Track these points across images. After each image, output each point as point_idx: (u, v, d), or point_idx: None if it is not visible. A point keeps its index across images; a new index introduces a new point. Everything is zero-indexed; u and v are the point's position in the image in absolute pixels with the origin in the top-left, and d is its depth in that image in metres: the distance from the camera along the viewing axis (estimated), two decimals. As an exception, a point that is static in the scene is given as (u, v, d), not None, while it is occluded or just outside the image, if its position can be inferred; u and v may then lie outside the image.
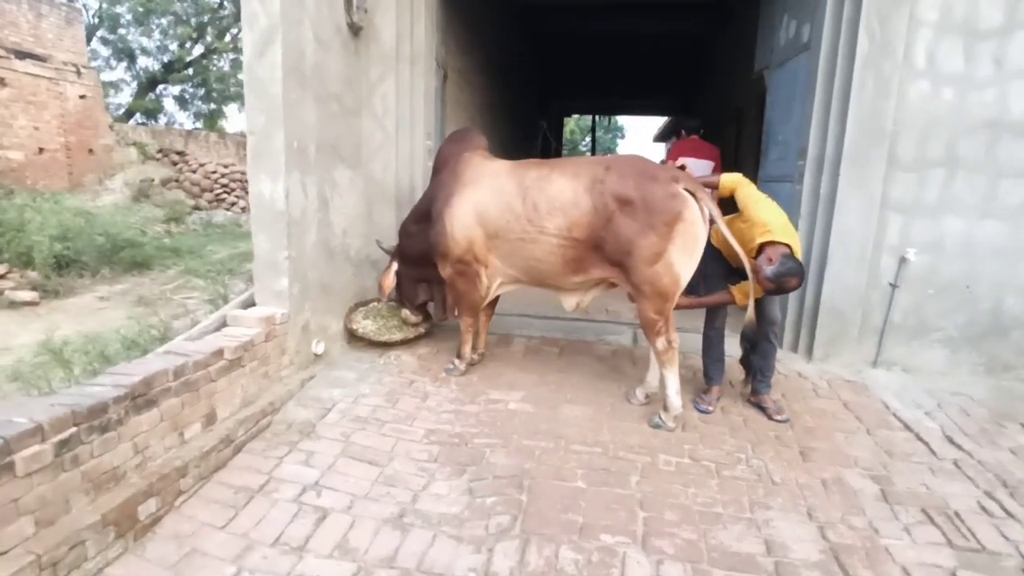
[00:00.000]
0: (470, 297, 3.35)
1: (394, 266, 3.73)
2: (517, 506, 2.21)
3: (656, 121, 19.31)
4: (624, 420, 2.96)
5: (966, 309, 3.57)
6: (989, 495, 2.38)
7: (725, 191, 2.97)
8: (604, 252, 2.87)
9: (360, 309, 4.00)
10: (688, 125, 5.41)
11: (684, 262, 2.75)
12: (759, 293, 2.77)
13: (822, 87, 3.54)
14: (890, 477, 2.52)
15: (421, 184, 4.16)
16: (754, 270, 2.70)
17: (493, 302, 3.59)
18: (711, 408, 3.08)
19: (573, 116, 24.91)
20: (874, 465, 2.61)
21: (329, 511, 2.20)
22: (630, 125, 38.88)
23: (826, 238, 3.59)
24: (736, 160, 7.16)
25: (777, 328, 3.12)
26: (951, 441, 2.83)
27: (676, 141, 5.75)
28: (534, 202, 2.98)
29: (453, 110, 5.50)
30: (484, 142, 3.52)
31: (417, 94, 4.12)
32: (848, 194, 3.50)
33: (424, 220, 3.45)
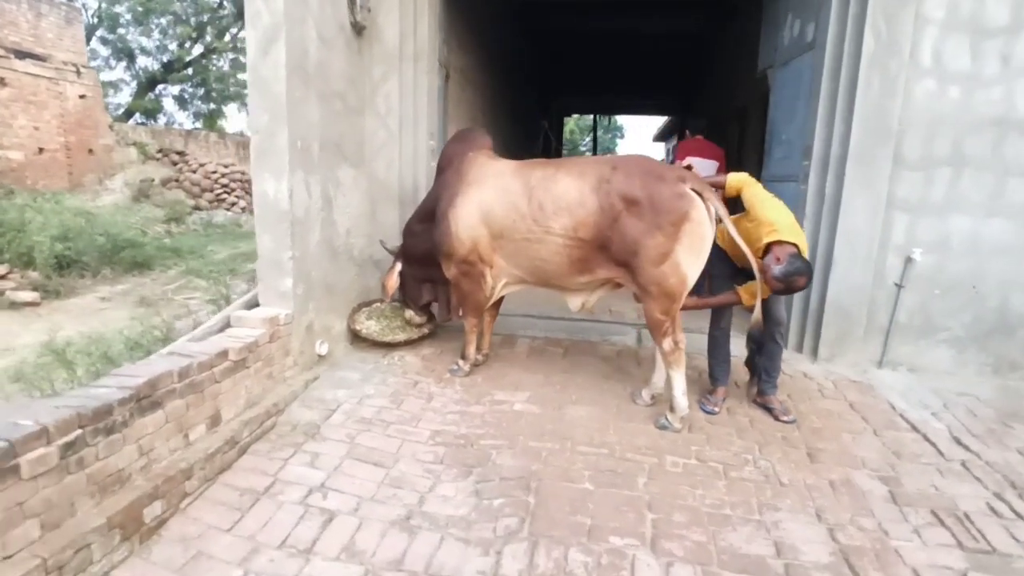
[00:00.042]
0: (475, 297, 3.34)
1: (398, 266, 3.72)
2: (525, 508, 2.20)
3: (656, 121, 19.34)
4: (630, 421, 2.94)
5: (972, 308, 3.55)
6: (998, 496, 2.37)
7: (732, 191, 2.94)
8: (610, 252, 2.86)
9: (364, 309, 3.99)
10: (694, 124, 5.39)
11: (691, 262, 2.73)
12: (767, 293, 2.76)
13: (827, 86, 3.52)
14: (898, 478, 2.50)
15: (424, 183, 4.15)
16: (761, 270, 2.69)
17: (497, 303, 3.57)
18: (717, 409, 3.07)
19: (573, 116, 24.87)
20: (882, 466, 2.60)
21: (335, 513, 2.19)
22: (629, 125, 38.92)
23: (831, 238, 3.58)
24: (739, 160, 7.13)
25: (783, 328, 3.11)
26: (958, 442, 2.82)
27: (680, 141, 5.74)
28: (540, 202, 2.96)
29: (455, 109, 5.49)
30: (489, 141, 3.50)
31: (420, 93, 4.12)
32: (854, 194, 3.48)
33: (428, 220, 3.43)
